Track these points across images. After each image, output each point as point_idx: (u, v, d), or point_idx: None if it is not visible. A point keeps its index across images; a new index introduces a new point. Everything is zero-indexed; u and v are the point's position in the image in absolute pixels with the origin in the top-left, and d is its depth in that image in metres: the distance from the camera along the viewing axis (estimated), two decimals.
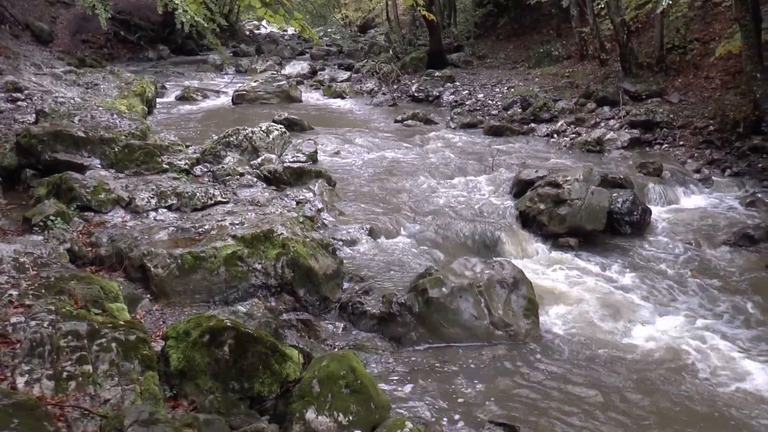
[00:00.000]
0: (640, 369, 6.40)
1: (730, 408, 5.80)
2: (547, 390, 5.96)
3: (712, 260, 9.12)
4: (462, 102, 19.39)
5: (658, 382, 6.19)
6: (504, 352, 6.57)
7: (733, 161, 12.85)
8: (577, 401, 5.81)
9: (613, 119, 15.75)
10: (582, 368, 6.37)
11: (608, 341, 6.93)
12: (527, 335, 6.84)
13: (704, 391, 6.05)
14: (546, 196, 9.85)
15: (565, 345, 6.81)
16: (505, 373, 6.20)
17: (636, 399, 5.89)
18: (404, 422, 4.48)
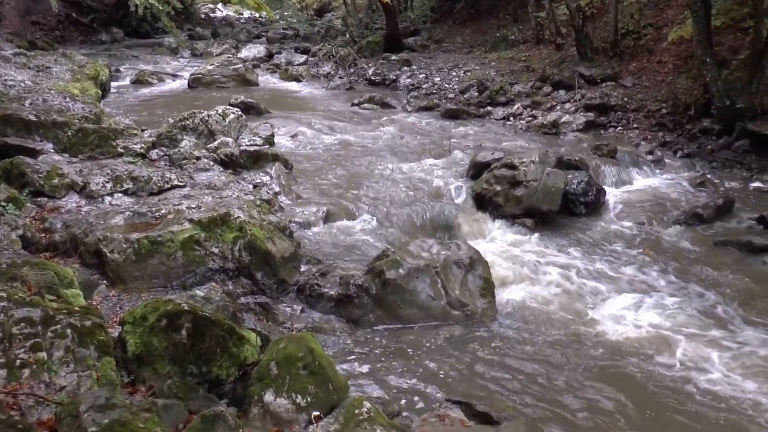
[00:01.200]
0: (595, 346, 6.54)
1: (680, 384, 5.96)
2: (503, 368, 6.06)
3: (663, 239, 9.34)
4: (419, 85, 19.38)
5: (612, 359, 6.33)
6: (461, 331, 6.66)
7: (685, 143, 13.14)
8: (533, 379, 5.91)
9: (568, 102, 15.88)
10: (537, 346, 6.49)
11: (563, 320, 7.06)
12: (484, 315, 6.93)
13: (656, 368, 6.20)
14: (502, 178, 9.93)
15: (521, 324, 6.93)
16: (461, 352, 6.28)
17: (590, 376, 6.01)
18: (362, 402, 4.51)
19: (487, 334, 6.65)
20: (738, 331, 6.95)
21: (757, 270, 8.40)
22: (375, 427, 4.28)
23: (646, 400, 5.70)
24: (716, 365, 6.29)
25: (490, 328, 6.76)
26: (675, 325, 7.00)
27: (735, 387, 5.95)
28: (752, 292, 7.76)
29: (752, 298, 7.63)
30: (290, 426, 4.48)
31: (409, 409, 5.29)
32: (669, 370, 6.19)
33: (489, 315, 6.96)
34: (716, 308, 7.41)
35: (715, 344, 6.65)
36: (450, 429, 4.97)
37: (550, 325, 6.92)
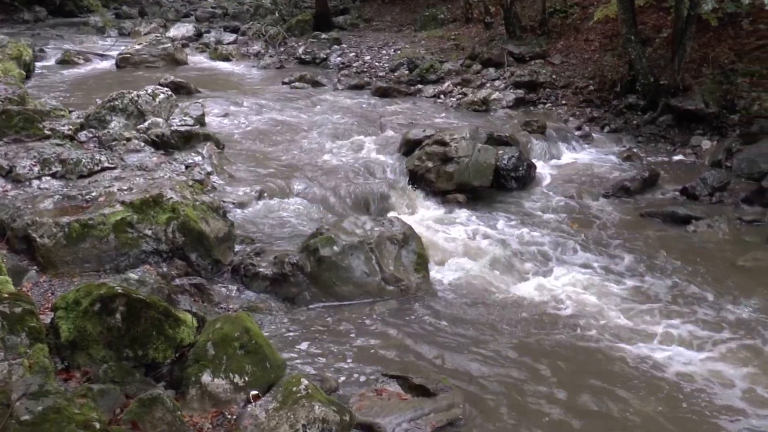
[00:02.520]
0: (526, 317, 6.70)
1: (610, 351, 6.17)
2: (439, 341, 6.17)
3: (592, 211, 9.62)
4: (349, 64, 19.31)
5: (544, 329, 6.51)
6: (396, 306, 6.75)
7: (611, 119, 13.50)
8: (467, 350, 6.04)
9: (498, 80, 16.06)
10: (471, 319, 6.62)
11: (495, 292, 7.21)
12: (418, 289, 7.03)
13: (586, 336, 6.40)
14: (434, 155, 10.02)
15: (455, 298, 7.05)
16: (397, 327, 6.37)
17: (523, 346, 6.17)
18: (300, 379, 4.56)
19: (422, 309, 6.76)
20: (664, 298, 7.22)
21: (681, 239, 8.75)
22: (313, 404, 4.33)
23: (578, 367, 5.89)
24: (643, 331, 6.54)
25: (424, 303, 6.87)
26: (604, 294, 7.25)
27: (663, 351, 6.21)
28: (677, 259, 8.08)
29: (677, 265, 7.93)
30: (228, 406, 4.51)
31: (347, 385, 5.35)
32: (598, 337, 6.40)
33: (423, 289, 7.07)
34: (644, 276, 7.70)
35: (643, 311, 6.92)
36: (388, 403, 5.07)
37: (483, 298, 7.06)
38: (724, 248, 8.49)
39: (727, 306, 7.04)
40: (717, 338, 6.44)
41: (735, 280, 7.61)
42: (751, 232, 8.94)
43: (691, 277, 7.65)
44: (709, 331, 6.57)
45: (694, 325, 6.66)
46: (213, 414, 4.46)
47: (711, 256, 8.25)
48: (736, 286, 7.45)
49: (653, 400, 5.49)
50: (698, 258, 8.17)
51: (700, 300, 7.18)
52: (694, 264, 7.98)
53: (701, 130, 12.25)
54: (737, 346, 6.31)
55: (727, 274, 7.76)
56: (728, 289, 7.40)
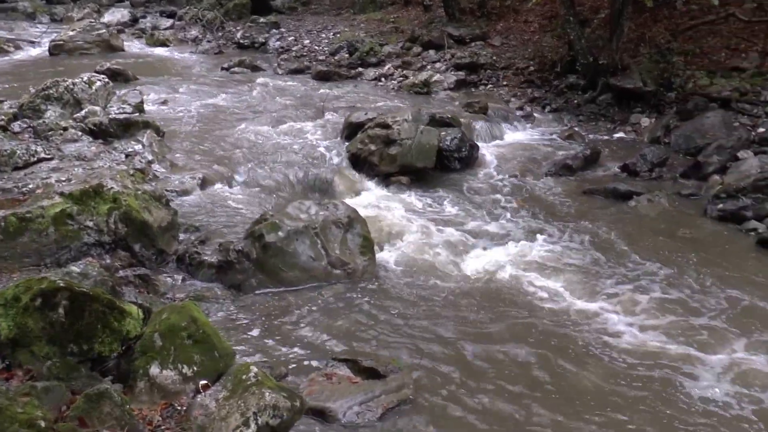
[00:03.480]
0: (474, 296, 6.77)
1: (557, 324, 6.31)
2: (387, 323, 6.20)
3: (536, 189, 9.78)
4: (288, 48, 19.23)
5: (492, 307, 6.57)
6: (343, 290, 6.74)
7: (552, 98, 13.75)
8: (415, 331, 6.08)
9: (439, 62, 16.14)
10: (418, 299, 6.66)
11: (442, 272, 7.26)
12: (365, 272, 7.03)
13: (535, 312, 6.52)
14: (376, 138, 10.02)
15: (402, 279, 7.07)
16: (345, 310, 6.38)
17: (471, 325, 6.23)
18: (249, 367, 4.52)
19: (369, 291, 6.77)
20: (609, 271, 7.41)
21: (622, 214, 8.98)
22: (264, 391, 4.30)
23: (527, 343, 5.98)
24: (591, 304, 6.72)
25: (371, 285, 6.88)
26: (550, 270, 7.38)
27: (611, 322, 6.38)
28: (620, 234, 8.27)
29: (620, 239, 8.12)
30: (178, 397, 4.45)
31: (296, 371, 5.34)
32: (546, 312, 6.52)
33: (370, 272, 7.07)
34: (588, 251, 7.88)
35: (589, 284, 7.10)
36: (338, 387, 5.08)
37: (430, 278, 7.10)
38: (664, 221, 8.75)
39: (668, 276, 7.27)
40: (660, 306, 6.66)
41: (675, 250, 7.87)
42: (688, 205, 9.26)
43: (633, 250, 7.85)
44: (653, 300, 6.78)
45: (639, 295, 6.87)
46: (162, 406, 4.40)
47: (652, 229, 8.49)
48: (676, 257, 7.70)
49: (602, 371, 5.62)
50: (640, 231, 8.41)
51: (643, 271, 7.40)
52: (636, 237, 8.20)
53: (640, 108, 12.58)
54: (677, 313, 6.55)
55: (667, 246, 8.01)
56: (669, 259, 7.64)
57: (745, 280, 7.22)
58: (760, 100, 11.74)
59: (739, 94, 11.93)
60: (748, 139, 10.49)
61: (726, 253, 7.91)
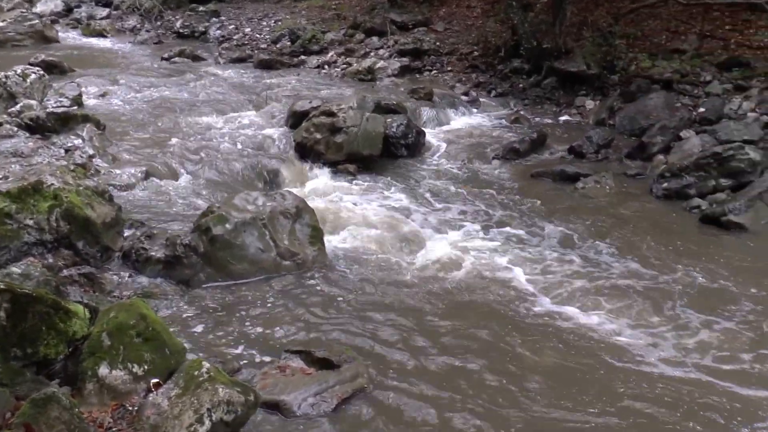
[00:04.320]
0: (423, 283, 6.76)
1: (509, 307, 6.34)
2: (338, 312, 6.15)
3: (484, 174, 9.85)
4: (229, 37, 19.05)
5: (444, 293, 6.58)
6: (293, 281, 6.66)
7: (497, 83, 13.86)
8: (367, 320, 6.04)
9: (382, 49, 16.12)
10: (369, 288, 6.62)
11: (392, 259, 7.23)
12: (315, 262, 6.95)
13: (486, 296, 6.53)
14: (322, 126, 9.96)
15: (353, 268, 7.02)
16: (296, 301, 6.29)
17: (423, 312, 6.21)
18: (201, 363, 4.44)
19: (320, 281, 6.70)
20: (559, 252, 7.52)
21: (571, 195, 9.10)
22: (217, 387, 4.23)
23: (479, 327, 5.97)
24: (543, 285, 6.80)
25: (322, 275, 6.81)
26: (501, 253, 7.44)
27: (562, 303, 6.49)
28: (569, 215, 8.41)
29: (569, 221, 8.25)
30: (129, 397, 4.35)
31: (249, 365, 5.27)
32: (498, 296, 6.54)
33: (320, 262, 7.00)
34: (538, 234, 7.98)
35: (540, 266, 7.18)
36: (291, 379, 5.02)
37: (380, 267, 7.06)
38: (611, 201, 8.90)
39: (616, 254, 7.43)
40: (608, 284, 6.80)
41: (622, 229, 8.04)
42: (634, 185, 9.44)
43: (582, 230, 7.98)
44: (602, 278, 6.92)
45: (587, 274, 7.00)
46: (113, 407, 4.30)
47: (599, 210, 8.63)
48: (623, 236, 7.86)
49: (554, 352, 5.66)
50: (588, 212, 8.53)
51: (591, 251, 7.54)
52: (585, 218, 8.32)
53: (584, 90, 12.77)
54: (625, 289, 6.70)
55: (614, 225, 8.17)
56: (616, 238, 7.81)
57: (689, 255, 7.39)
58: (699, 81, 12.01)
59: (680, 75, 12.21)
60: (689, 119, 10.71)
61: (671, 230, 8.09)
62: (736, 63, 12.30)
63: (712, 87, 11.63)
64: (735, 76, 11.93)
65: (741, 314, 6.28)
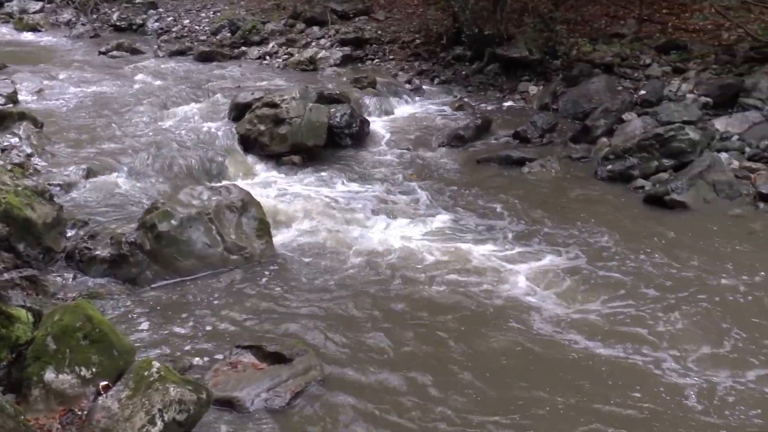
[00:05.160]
0: (375, 273, 6.76)
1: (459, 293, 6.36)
2: (288, 305, 6.11)
3: (430, 161, 9.85)
4: (168, 29, 18.79)
5: (394, 282, 6.57)
6: (242, 275, 6.61)
7: (440, 70, 13.93)
8: (318, 311, 6.02)
9: (323, 38, 16.07)
10: (319, 280, 6.58)
11: (341, 250, 7.20)
12: (262, 255, 6.91)
13: (438, 284, 6.53)
14: (265, 117, 9.87)
15: (301, 260, 6.98)
16: (246, 296, 6.25)
17: (374, 301, 6.20)
18: (151, 363, 4.37)
19: (269, 275, 6.65)
20: (508, 235, 7.57)
21: (517, 180, 9.18)
22: (167, 386, 4.17)
23: (430, 314, 6.00)
24: (493, 269, 6.81)
25: (270, 269, 6.76)
26: (450, 239, 7.46)
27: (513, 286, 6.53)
28: (516, 199, 8.45)
29: (516, 204, 8.30)
30: (77, 401, 4.26)
31: (200, 362, 5.21)
32: (449, 283, 6.55)
33: (268, 255, 6.95)
34: (487, 218, 8.02)
35: (490, 250, 7.21)
36: (244, 374, 4.98)
37: (329, 257, 7.03)
38: (557, 185, 9.02)
39: (563, 236, 7.51)
40: (558, 266, 6.87)
41: (568, 212, 8.15)
42: (579, 167, 9.56)
43: (530, 214, 8.05)
44: (551, 260, 7.00)
45: (538, 257, 7.08)
46: (61, 412, 4.20)
47: (546, 193, 8.76)
48: (570, 218, 7.95)
49: (508, 335, 5.71)
50: (535, 196, 8.63)
51: (540, 234, 7.60)
52: (532, 202, 8.39)
53: (527, 76, 12.91)
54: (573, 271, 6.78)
55: (561, 208, 8.28)
56: (563, 220, 7.90)
57: (633, 234, 7.54)
58: (639, 64, 12.25)
59: (620, 59, 12.45)
60: (631, 102, 10.90)
61: (616, 211, 8.21)
62: (674, 46, 12.64)
63: (652, 70, 11.93)
64: (673, 58, 12.24)
65: (682, 288, 6.41)
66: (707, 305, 6.12)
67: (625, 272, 6.73)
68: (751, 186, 8.40)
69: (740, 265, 6.82)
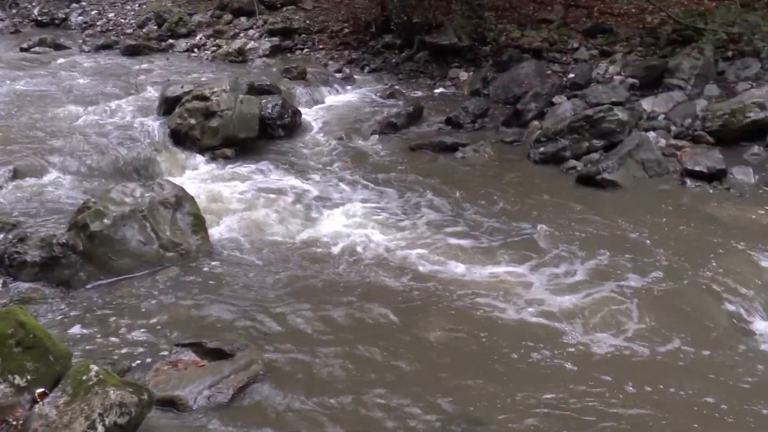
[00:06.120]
0: (313, 263, 6.73)
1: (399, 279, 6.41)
2: (228, 300, 6.04)
3: (363, 150, 9.90)
4: (93, 23, 18.41)
5: (333, 272, 6.57)
6: (179, 272, 6.50)
7: (370, 59, 14.01)
8: (258, 305, 5.97)
9: (252, 29, 15.97)
10: (258, 273, 6.53)
11: (279, 242, 7.17)
12: (199, 251, 6.82)
13: (377, 271, 6.56)
14: (195, 111, 9.74)
15: (239, 253, 6.93)
16: (183, 293, 6.16)
17: (313, 292, 6.19)
18: (89, 366, 4.26)
19: (206, 270, 6.57)
20: (446, 220, 7.65)
21: (451, 165, 9.28)
22: (107, 389, 4.09)
23: (371, 302, 6.01)
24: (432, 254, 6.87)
25: (208, 264, 6.68)
26: (388, 226, 7.49)
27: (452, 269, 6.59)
28: (451, 184, 8.55)
29: (452, 190, 8.38)
30: (12, 411, 4.14)
31: (140, 363, 5.11)
32: (388, 269, 6.59)
33: (204, 250, 6.87)
34: (423, 204, 8.06)
35: (429, 236, 7.27)
36: (185, 373, 4.91)
37: (268, 250, 6.98)
38: (491, 169, 9.14)
39: (499, 218, 7.64)
40: (493, 247, 6.99)
41: (503, 194, 8.26)
42: (512, 151, 9.72)
43: (465, 199, 8.14)
44: (484, 242, 7.11)
45: (473, 239, 7.17)
46: None
47: (480, 178, 8.85)
48: (504, 200, 8.09)
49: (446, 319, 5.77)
50: (469, 180, 8.73)
51: (474, 216, 7.70)
52: (466, 186, 8.49)
53: (457, 62, 13.05)
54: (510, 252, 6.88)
55: (496, 191, 8.36)
56: (499, 203, 8.02)
57: (567, 214, 7.72)
58: (567, 48, 12.56)
59: (548, 44, 12.72)
60: (560, 85, 11.17)
61: (550, 192, 8.38)
62: (600, 30, 12.95)
63: (580, 54, 12.23)
64: (600, 42, 12.54)
65: (612, 263, 6.61)
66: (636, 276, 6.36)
67: (557, 248, 6.88)
68: (677, 163, 8.72)
69: (668, 238, 7.06)
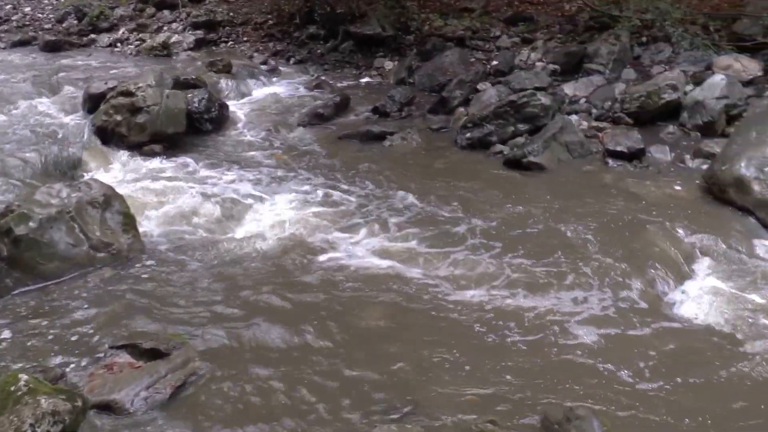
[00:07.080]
0: (248, 258, 6.71)
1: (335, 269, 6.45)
2: (162, 299, 5.97)
3: (292, 141, 9.89)
4: (8, 18, 17.88)
5: (269, 264, 6.55)
6: (111, 273, 6.40)
7: (295, 50, 14.03)
8: (193, 303, 5.92)
9: (175, 22, 15.82)
10: (191, 269, 6.49)
11: (214, 238, 7.14)
12: (131, 250, 6.73)
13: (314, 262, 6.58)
14: (121, 107, 9.57)
15: (171, 251, 6.85)
16: (116, 294, 6.05)
17: (248, 287, 6.15)
18: (17, 377, 4.16)
19: (139, 269, 6.49)
20: (377, 208, 7.70)
21: (380, 154, 9.33)
22: (38, 399, 4.00)
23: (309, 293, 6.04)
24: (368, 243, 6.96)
25: (140, 263, 6.59)
26: (321, 217, 7.47)
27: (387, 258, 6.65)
28: (381, 172, 8.62)
29: (382, 178, 8.47)
30: None
31: (74, 369, 5.02)
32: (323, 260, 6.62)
33: (136, 249, 6.77)
34: (355, 193, 8.09)
35: (362, 224, 7.31)
36: (120, 375, 4.85)
37: (202, 246, 6.93)
38: (419, 156, 9.23)
39: (430, 204, 7.71)
40: (425, 234, 7.03)
41: (433, 181, 8.35)
42: (439, 138, 9.84)
43: (396, 186, 8.20)
44: (415, 228, 7.16)
45: (406, 225, 7.24)
46: None
47: (410, 165, 8.93)
48: (433, 186, 8.18)
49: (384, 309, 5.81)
50: (398, 168, 8.78)
51: (404, 203, 7.77)
52: (396, 174, 8.55)
53: (382, 52, 13.17)
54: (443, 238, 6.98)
55: (426, 178, 8.46)
56: (429, 189, 8.07)
57: (495, 196, 7.84)
58: (490, 36, 12.80)
59: (471, 32, 12.95)
60: (484, 72, 11.36)
61: (478, 176, 8.48)
62: (521, 18, 13.30)
63: (502, 41, 12.51)
64: (521, 30, 12.87)
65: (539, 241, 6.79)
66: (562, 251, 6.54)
67: (483, 231, 7.00)
68: (599, 144, 8.97)
69: (592, 215, 7.24)
